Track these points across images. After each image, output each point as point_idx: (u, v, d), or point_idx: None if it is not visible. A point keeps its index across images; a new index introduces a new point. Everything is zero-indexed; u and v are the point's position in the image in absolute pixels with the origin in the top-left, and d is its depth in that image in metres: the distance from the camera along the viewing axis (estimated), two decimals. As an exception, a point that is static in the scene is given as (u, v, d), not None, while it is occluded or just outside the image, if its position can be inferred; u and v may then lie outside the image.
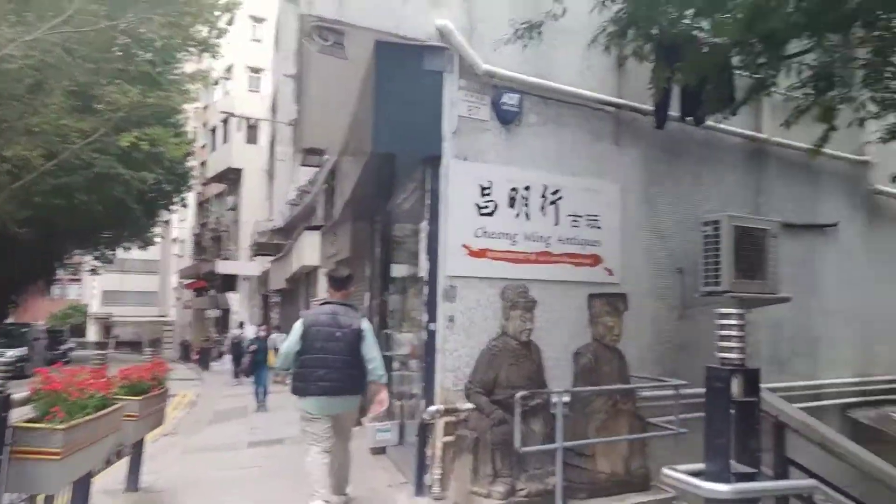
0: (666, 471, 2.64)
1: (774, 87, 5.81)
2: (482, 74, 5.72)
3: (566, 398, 5.06)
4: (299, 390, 5.23)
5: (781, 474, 4.97)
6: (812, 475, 4.84)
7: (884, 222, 8.70)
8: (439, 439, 5.41)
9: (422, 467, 5.55)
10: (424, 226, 5.75)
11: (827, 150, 6.00)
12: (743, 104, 5.93)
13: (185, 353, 33.19)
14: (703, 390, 5.85)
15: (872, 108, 5.94)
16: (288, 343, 5.32)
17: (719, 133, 7.09)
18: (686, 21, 5.20)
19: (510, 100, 5.82)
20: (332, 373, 5.15)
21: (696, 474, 2.57)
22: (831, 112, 5.90)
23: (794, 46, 5.53)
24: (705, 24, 5.26)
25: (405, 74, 5.54)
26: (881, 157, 8.16)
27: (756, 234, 6.38)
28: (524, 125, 5.95)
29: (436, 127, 5.59)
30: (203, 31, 15.74)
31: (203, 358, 27.66)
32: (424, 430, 5.54)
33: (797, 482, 3.34)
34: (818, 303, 7.78)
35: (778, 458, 5.24)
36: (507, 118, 5.83)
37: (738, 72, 5.88)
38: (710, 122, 6.68)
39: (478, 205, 5.66)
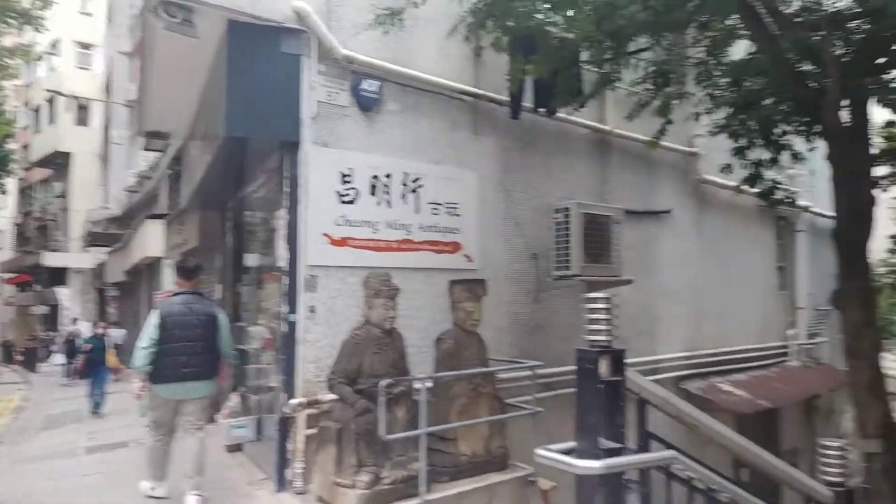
0: (539, 451, 2.74)
1: (618, 82, 6.16)
2: (341, 59, 5.61)
3: (429, 384, 5.11)
4: (161, 378, 5.31)
5: (644, 447, 5.31)
6: (669, 446, 5.21)
7: (710, 209, 9.54)
8: (301, 432, 5.28)
9: (283, 462, 5.40)
10: (283, 214, 5.56)
11: (663, 142, 6.46)
12: (591, 97, 6.23)
13: (7, 355, 30.16)
14: (556, 370, 6.15)
15: (706, 104, 6.45)
16: (145, 337, 5.30)
17: (569, 124, 7.42)
18: (540, 15, 5.38)
19: (370, 86, 5.75)
20: (194, 359, 5.36)
21: (567, 452, 2.70)
22: (668, 107, 6.35)
23: (635, 45, 5.89)
24: (558, 19, 5.47)
25: (261, 56, 5.31)
26: (708, 149, 8.92)
27: (602, 220, 6.78)
28: (384, 112, 5.91)
29: (293, 112, 5.42)
30: (24, 1, 14.27)
31: (29, 358, 25.27)
32: (285, 424, 5.39)
33: (659, 454, 3.61)
34: (655, 284, 8.40)
35: (640, 432, 5.58)
36: (366, 105, 5.76)
37: (586, 66, 6.17)
38: (561, 114, 6.98)
39: (339, 192, 5.56)
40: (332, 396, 5.10)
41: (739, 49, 6.59)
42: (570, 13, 5.47)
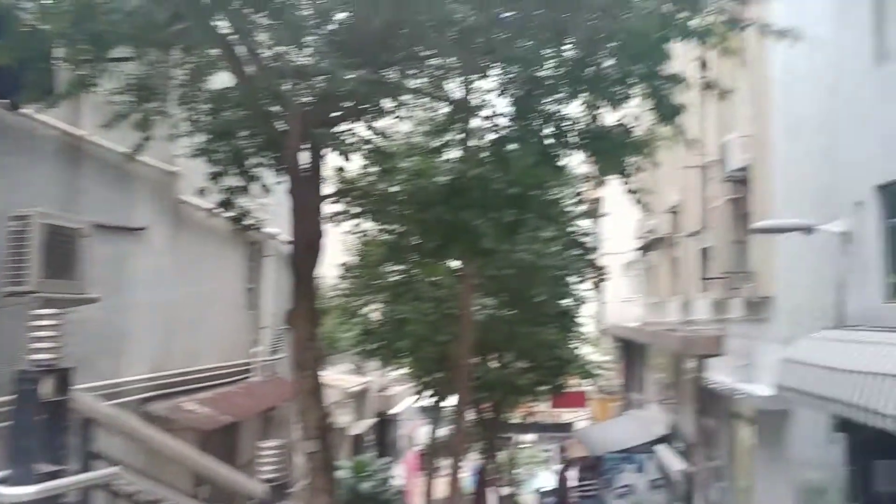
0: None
1: (97, 88, 5.86)
2: None
3: None
4: None
5: (87, 468, 5.01)
6: (116, 464, 5.01)
7: (187, 229, 9.68)
8: None
9: None
10: None
11: (143, 157, 6.37)
12: (64, 98, 5.81)
13: None
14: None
15: (185, 126, 6.61)
16: None
17: (37, 123, 6.65)
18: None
19: None
20: None
21: (-1, 483, 2.44)
22: (148, 122, 6.32)
23: (118, 53, 5.72)
24: (31, 5, 4.98)
25: None
26: (188, 170, 9.03)
27: (67, 233, 6.27)
28: None
29: None
30: None
31: None
32: None
33: (100, 472, 3.48)
34: (126, 302, 8.09)
35: (85, 452, 5.25)
36: None
37: (61, 63, 5.71)
38: (27, 110, 6.26)
39: None
40: None
41: (222, 79, 6.94)
42: (47, 2, 5.01)
